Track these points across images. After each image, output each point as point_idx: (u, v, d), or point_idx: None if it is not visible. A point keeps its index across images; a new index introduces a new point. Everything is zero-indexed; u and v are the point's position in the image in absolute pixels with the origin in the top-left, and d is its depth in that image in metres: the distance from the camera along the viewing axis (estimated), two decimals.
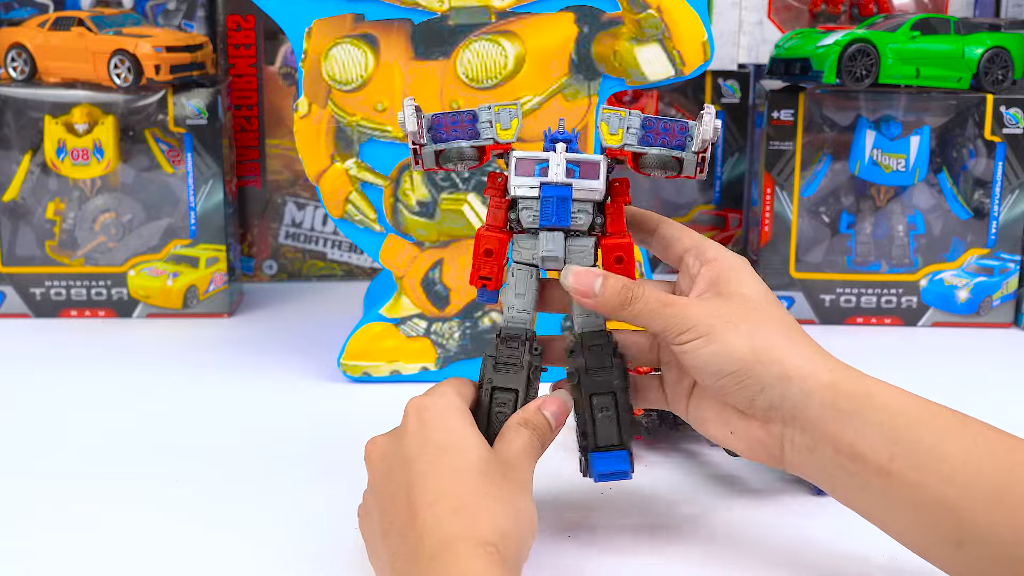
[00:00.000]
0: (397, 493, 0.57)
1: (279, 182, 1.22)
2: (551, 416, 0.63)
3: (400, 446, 0.59)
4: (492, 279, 0.65)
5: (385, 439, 0.61)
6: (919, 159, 1.06)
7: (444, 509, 0.55)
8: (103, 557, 0.65)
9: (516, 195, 0.63)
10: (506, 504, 0.57)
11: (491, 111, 0.64)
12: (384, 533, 0.58)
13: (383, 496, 0.59)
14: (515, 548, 0.56)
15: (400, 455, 0.59)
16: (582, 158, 0.63)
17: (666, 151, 0.64)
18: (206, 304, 1.10)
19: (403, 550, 0.56)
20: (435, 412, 0.60)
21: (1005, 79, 1.05)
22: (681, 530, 0.69)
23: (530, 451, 0.61)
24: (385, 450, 0.60)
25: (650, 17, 0.87)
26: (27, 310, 1.10)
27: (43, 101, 1.07)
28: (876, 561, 0.64)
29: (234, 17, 1.18)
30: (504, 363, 0.65)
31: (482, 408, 0.64)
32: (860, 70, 1.03)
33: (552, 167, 0.63)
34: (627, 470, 0.65)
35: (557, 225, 0.63)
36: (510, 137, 0.64)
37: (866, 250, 1.09)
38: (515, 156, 0.63)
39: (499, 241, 0.64)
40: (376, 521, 0.59)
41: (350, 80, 0.89)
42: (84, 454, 0.80)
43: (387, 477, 0.59)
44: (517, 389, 0.64)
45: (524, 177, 0.63)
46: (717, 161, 1.24)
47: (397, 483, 0.58)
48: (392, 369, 0.94)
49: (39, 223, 1.10)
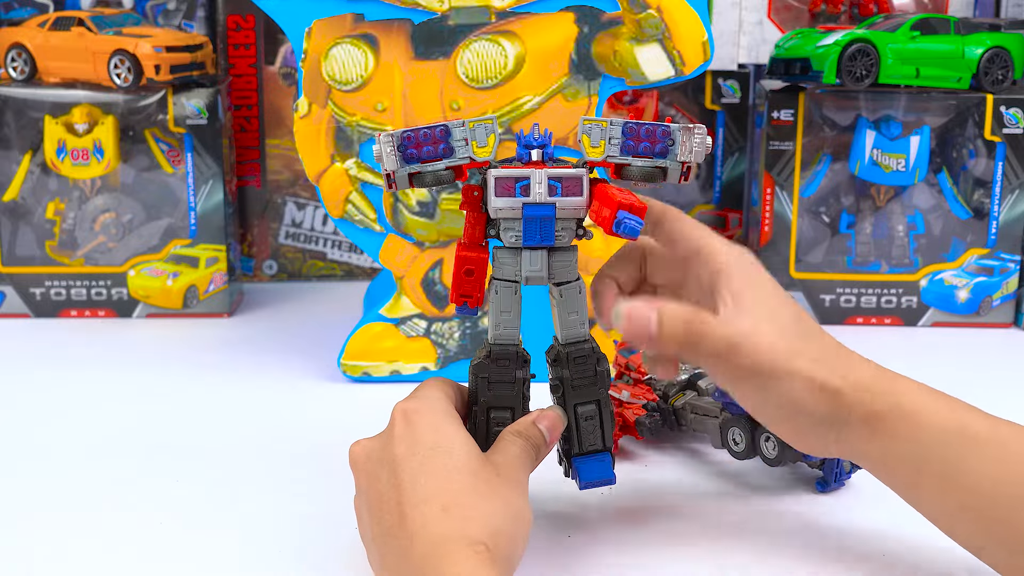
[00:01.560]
0: (385, 494, 0.57)
1: (279, 182, 1.22)
2: (545, 430, 0.63)
3: (387, 448, 0.59)
4: (473, 297, 0.64)
5: (370, 441, 0.61)
6: (919, 159, 1.06)
7: (433, 509, 0.55)
8: (103, 557, 0.65)
9: (497, 217, 0.62)
10: (497, 503, 0.57)
11: (465, 127, 0.62)
12: (375, 535, 0.58)
13: (371, 498, 0.59)
14: (507, 547, 0.56)
15: (387, 457, 0.59)
16: (563, 173, 0.61)
17: (649, 163, 0.63)
18: (206, 304, 1.10)
19: (393, 550, 0.56)
20: (422, 414, 0.60)
21: (1005, 79, 1.05)
22: (683, 530, 0.68)
23: (524, 459, 0.61)
24: (371, 452, 0.60)
25: (650, 17, 0.87)
26: (27, 310, 1.10)
27: (43, 101, 1.07)
28: (877, 560, 0.64)
29: (234, 17, 1.18)
30: (497, 381, 0.64)
31: (479, 428, 0.64)
32: (860, 70, 1.03)
33: (534, 186, 0.61)
34: (611, 477, 0.65)
35: (541, 244, 0.62)
36: (487, 155, 0.62)
37: (866, 250, 1.09)
38: (493, 175, 0.61)
39: (480, 261, 0.64)
40: (366, 523, 0.59)
41: (350, 80, 0.89)
42: (84, 454, 0.80)
43: (374, 479, 0.59)
44: (513, 407, 0.64)
45: (505, 198, 0.61)
46: (717, 161, 1.24)
47: (385, 484, 0.58)
48: (392, 369, 0.93)
49: (39, 223, 1.10)
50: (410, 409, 0.60)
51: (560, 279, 0.64)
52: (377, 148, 0.62)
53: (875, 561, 0.64)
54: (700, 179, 1.25)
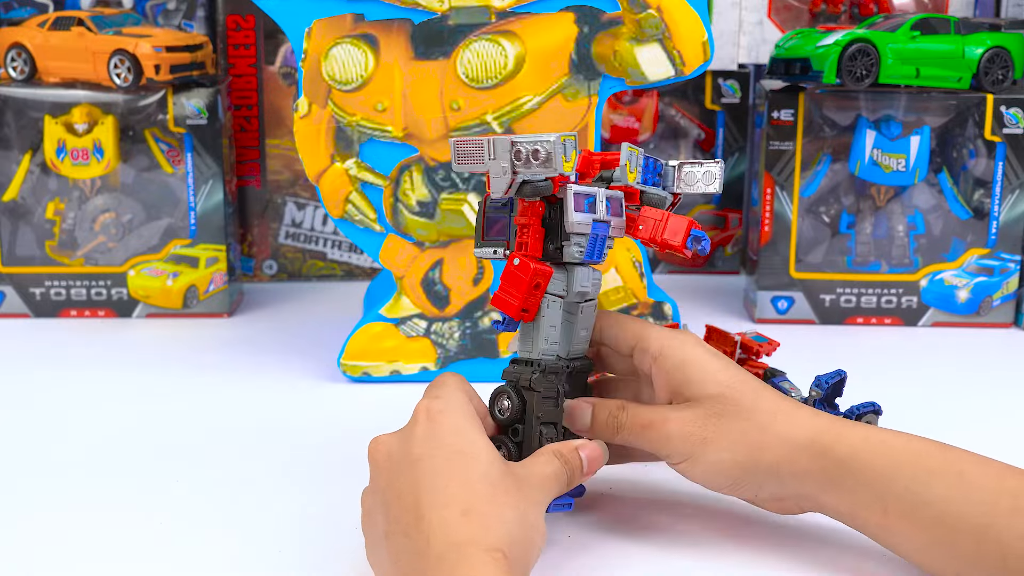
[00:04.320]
0: (404, 493, 0.57)
1: (279, 182, 1.22)
2: (586, 460, 0.63)
3: (409, 447, 0.59)
4: (531, 312, 0.64)
5: (392, 439, 0.61)
6: (919, 159, 1.06)
7: (454, 513, 0.55)
8: (103, 557, 0.65)
9: (574, 231, 0.63)
10: (516, 512, 0.57)
11: (558, 141, 0.62)
12: (387, 532, 0.57)
13: (388, 495, 0.58)
14: (522, 556, 0.56)
15: (409, 456, 0.58)
16: (613, 195, 0.65)
17: (655, 191, 0.67)
18: (206, 304, 1.10)
19: (407, 550, 0.56)
20: (447, 415, 0.60)
21: (1005, 79, 1.05)
22: (683, 529, 0.69)
23: (556, 480, 0.61)
24: (391, 449, 0.60)
25: (650, 17, 0.87)
26: (27, 310, 1.10)
27: (43, 101, 1.07)
28: (875, 558, 0.64)
29: (234, 17, 1.18)
30: (547, 397, 0.64)
31: (529, 443, 0.64)
32: (860, 70, 1.03)
33: (599, 204, 0.64)
34: (571, 503, 0.66)
35: (596, 261, 0.65)
36: (569, 170, 0.63)
37: (866, 250, 1.09)
38: (572, 190, 0.63)
39: (548, 275, 0.64)
40: (379, 520, 0.59)
41: (350, 80, 0.89)
42: (84, 454, 0.80)
43: (394, 476, 0.59)
44: (556, 423, 0.65)
45: (581, 213, 0.63)
46: None
47: (405, 483, 0.58)
48: (392, 369, 0.93)
49: (39, 223, 1.10)
50: (434, 409, 0.60)
51: (592, 296, 0.66)
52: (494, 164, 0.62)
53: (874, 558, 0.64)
54: None
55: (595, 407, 0.66)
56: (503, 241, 0.66)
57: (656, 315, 0.94)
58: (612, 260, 0.93)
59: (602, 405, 0.66)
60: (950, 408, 0.89)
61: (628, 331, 0.67)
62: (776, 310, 1.09)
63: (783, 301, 1.09)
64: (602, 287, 0.91)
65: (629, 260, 0.93)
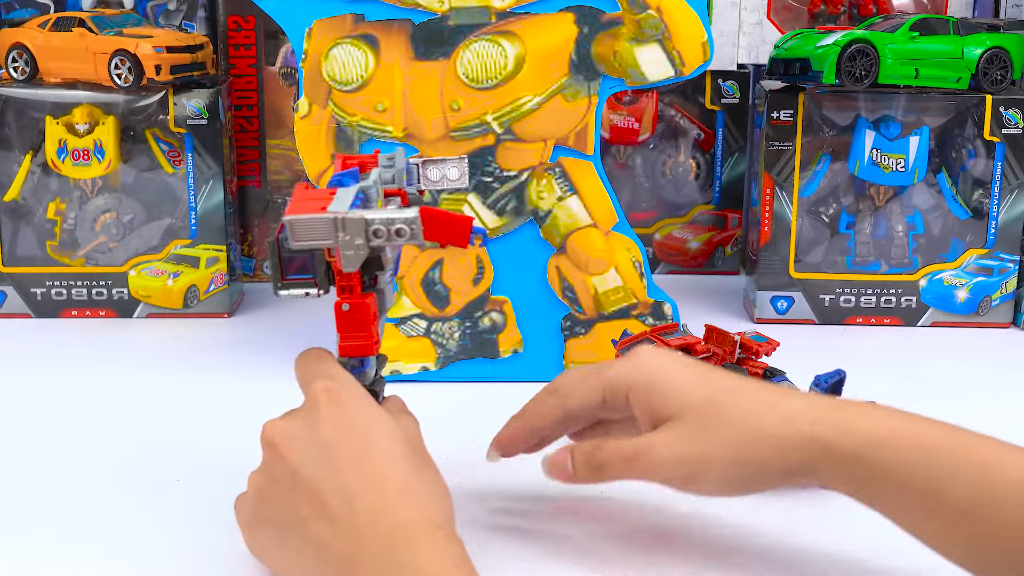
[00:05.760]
0: (322, 477, 0.56)
1: (279, 182, 1.22)
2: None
3: (318, 430, 0.58)
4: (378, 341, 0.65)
5: (291, 423, 0.60)
6: (918, 159, 1.07)
7: (392, 493, 0.55)
8: (103, 557, 0.66)
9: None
10: (440, 487, 0.58)
11: (417, 219, 0.59)
12: (303, 519, 0.56)
13: (298, 481, 0.57)
14: (453, 526, 0.56)
15: (320, 440, 0.57)
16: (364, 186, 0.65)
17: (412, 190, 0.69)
18: (206, 304, 1.10)
19: (334, 535, 0.55)
20: (347, 395, 0.59)
21: (1004, 79, 1.05)
22: (680, 529, 0.69)
23: (419, 430, 0.62)
24: (295, 433, 0.59)
25: (650, 17, 0.87)
26: (28, 310, 1.10)
27: (44, 101, 1.07)
28: (875, 561, 0.64)
29: (234, 17, 1.18)
30: None
31: None
32: (859, 70, 1.03)
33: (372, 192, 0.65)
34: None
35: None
36: None
37: (866, 250, 1.10)
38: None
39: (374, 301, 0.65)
40: (286, 508, 0.58)
41: (350, 80, 0.89)
42: (84, 454, 0.80)
43: (305, 461, 0.57)
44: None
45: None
46: (717, 161, 1.24)
47: (321, 468, 0.56)
48: (392, 369, 0.94)
49: (40, 223, 1.10)
50: (333, 389, 0.59)
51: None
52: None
53: (874, 562, 0.64)
54: (700, 179, 1.25)
55: (572, 452, 0.64)
56: (310, 280, 0.61)
57: (656, 315, 0.94)
58: (612, 260, 0.93)
59: (578, 449, 0.64)
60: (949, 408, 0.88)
61: (589, 386, 0.65)
62: (776, 310, 1.09)
63: (783, 301, 1.09)
64: (602, 287, 0.92)
65: (629, 260, 0.93)
